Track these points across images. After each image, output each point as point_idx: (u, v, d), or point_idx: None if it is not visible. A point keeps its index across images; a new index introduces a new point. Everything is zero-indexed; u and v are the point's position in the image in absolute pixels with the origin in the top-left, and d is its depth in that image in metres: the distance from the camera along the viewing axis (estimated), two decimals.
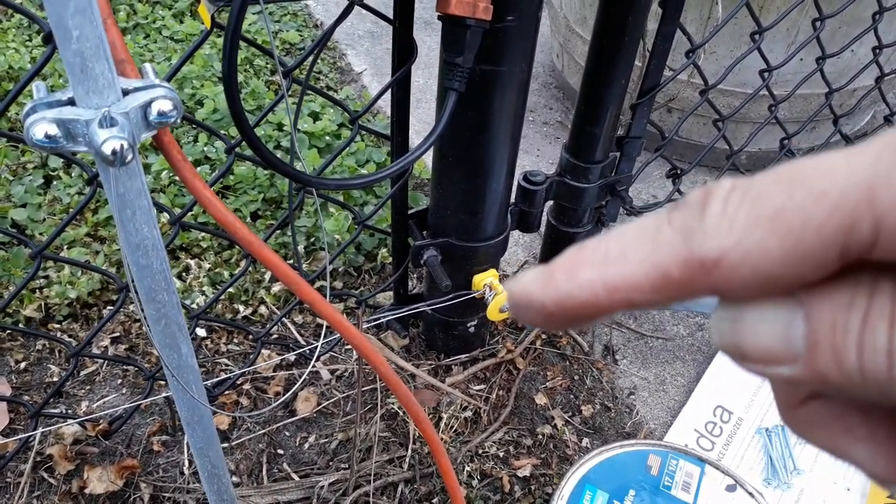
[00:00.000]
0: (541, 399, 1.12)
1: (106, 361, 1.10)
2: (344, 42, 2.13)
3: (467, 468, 1.01)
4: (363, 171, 1.47)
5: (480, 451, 1.04)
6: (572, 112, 1.04)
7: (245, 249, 0.59)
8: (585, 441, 1.07)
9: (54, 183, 1.36)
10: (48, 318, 1.14)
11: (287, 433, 1.04)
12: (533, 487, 1.00)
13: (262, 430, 1.04)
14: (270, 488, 0.96)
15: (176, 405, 0.59)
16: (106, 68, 0.36)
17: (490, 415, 1.09)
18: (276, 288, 1.22)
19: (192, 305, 1.16)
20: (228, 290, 1.19)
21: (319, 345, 0.83)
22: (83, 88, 0.36)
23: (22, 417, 1.02)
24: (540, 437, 1.07)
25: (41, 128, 0.36)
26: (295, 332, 1.18)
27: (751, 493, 0.91)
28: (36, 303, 1.14)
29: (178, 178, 0.44)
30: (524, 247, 1.42)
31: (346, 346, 1.17)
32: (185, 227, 1.00)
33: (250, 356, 1.10)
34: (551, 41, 1.99)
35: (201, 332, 1.16)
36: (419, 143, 0.72)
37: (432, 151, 0.88)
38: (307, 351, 1.11)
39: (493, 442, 1.05)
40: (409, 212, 0.99)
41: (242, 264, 1.20)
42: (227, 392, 1.06)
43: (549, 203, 1.13)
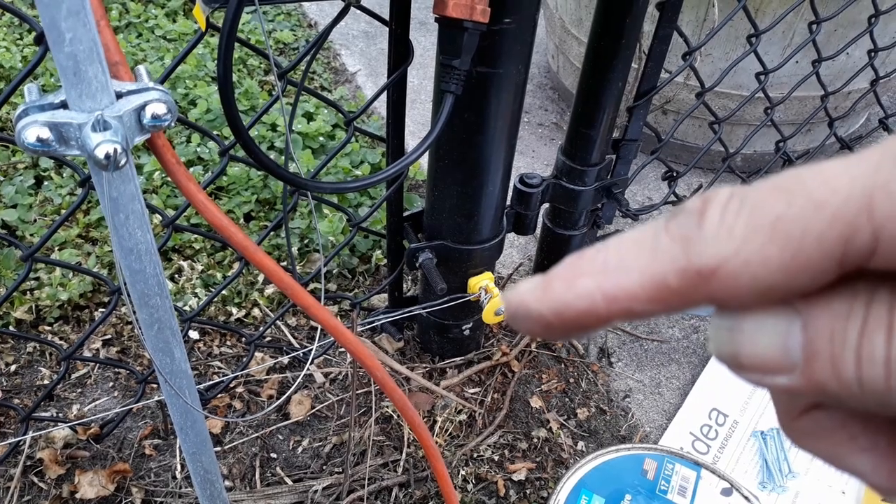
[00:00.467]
0: (536, 402, 1.11)
1: (97, 364, 1.09)
2: (338, 42, 2.12)
3: (462, 472, 1.01)
4: (357, 173, 1.46)
5: (475, 455, 1.03)
6: (567, 113, 1.04)
7: (239, 253, 0.58)
8: (581, 444, 1.07)
9: (45, 183, 1.35)
10: (39, 321, 1.13)
11: (280, 437, 1.04)
12: (528, 491, 1.00)
13: (256, 434, 1.03)
14: (264, 492, 0.95)
15: (168, 409, 0.59)
16: (99, 71, 0.35)
17: (485, 418, 1.08)
18: (269, 290, 1.21)
19: (185, 308, 1.15)
20: (221, 293, 1.18)
21: (314, 348, 0.82)
22: (76, 92, 0.36)
23: (12, 421, 1.00)
24: (535, 440, 1.06)
25: (33, 131, 0.35)
26: (289, 335, 1.17)
27: (746, 498, 0.91)
28: (27, 305, 1.12)
29: (172, 181, 0.43)
30: (519, 249, 1.42)
31: (340, 349, 1.16)
32: (177, 230, 0.99)
33: (243, 359, 1.09)
34: (547, 42, 1.99)
35: (194, 335, 1.15)
36: (415, 146, 0.71)
37: (428, 153, 0.88)
38: (301, 354, 1.10)
39: (488, 445, 1.05)
40: (405, 214, 0.99)
41: (236, 266, 1.20)
42: (219, 395, 1.06)
43: (545, 205, 1.13)
